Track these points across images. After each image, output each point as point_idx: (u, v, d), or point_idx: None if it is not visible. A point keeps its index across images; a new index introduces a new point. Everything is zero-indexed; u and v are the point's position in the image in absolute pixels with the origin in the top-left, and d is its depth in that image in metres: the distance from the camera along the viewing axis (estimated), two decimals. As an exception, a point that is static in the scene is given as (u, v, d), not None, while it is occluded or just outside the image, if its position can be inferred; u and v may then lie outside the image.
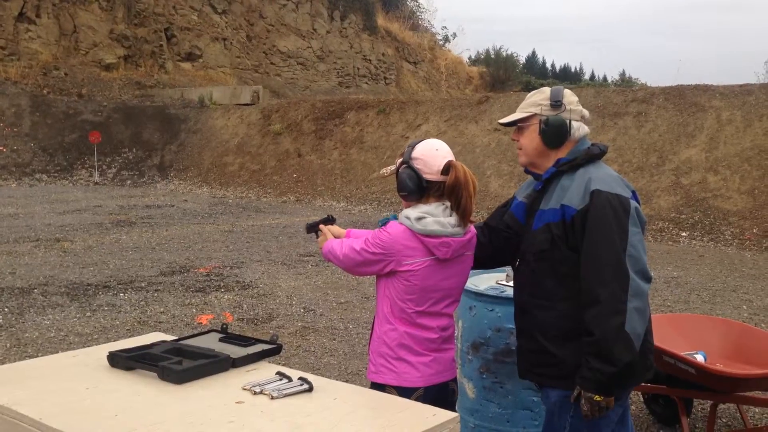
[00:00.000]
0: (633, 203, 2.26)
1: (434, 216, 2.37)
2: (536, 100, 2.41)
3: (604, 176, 2.29)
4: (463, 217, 2.39)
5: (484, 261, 2.63)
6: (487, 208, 13.73)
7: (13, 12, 23.09)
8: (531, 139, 2.41)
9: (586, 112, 2.43)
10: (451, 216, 2.39)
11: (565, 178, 2.34)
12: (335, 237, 2.67)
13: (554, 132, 2.36)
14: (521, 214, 2.52)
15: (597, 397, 2.18)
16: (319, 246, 2.69)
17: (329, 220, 2.78)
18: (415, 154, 2.44)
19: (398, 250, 2.37)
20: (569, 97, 2.40)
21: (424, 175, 2.40)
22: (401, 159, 2.48)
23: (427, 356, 2.44)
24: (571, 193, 2.28)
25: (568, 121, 2.37)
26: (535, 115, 2.40)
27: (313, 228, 2.77)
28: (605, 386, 2.17)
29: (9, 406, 1.92)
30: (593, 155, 2.36)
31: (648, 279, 2.21)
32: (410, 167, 2.42)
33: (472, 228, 2.49)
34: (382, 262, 2.40)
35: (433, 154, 2.42)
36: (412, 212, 2.39)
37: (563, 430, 2.33)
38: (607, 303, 2.14)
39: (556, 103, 2.36)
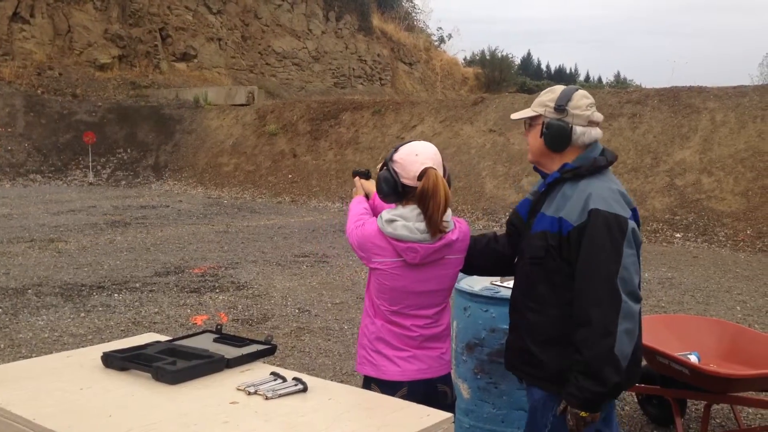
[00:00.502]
0: (631, 224, 2.23)
1: (405, 220, 2.36)
2: (544, 100, 2.38)
3: (605, 193, 2.25)
4: (430, 226, 2.36)
5: (496, 266, 2.67)
6: (482, 209, 13.74)
7: (7, 12, 23.03)
8: (535, 139, 2.40)
9: (597, 116, 2.37)
10: (423, 222, 2.37)
11: (567, 187, 2.32)
12: (366, 193, 2.76)
13: (554, 136, 2.34)
14: (525, 211, 2.51)
15: (583, 414, 2.20)
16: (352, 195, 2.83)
17: (364, 175, 2.85)
18: (395, 156, 2.43)
19: (368, 248, 2.41)
20: (578, 100, 2.34)
21: (402, 179, 2.38)
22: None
23: (406, 351, 2.45)
24: (570, 206, 2.26)
25: (569, 126, 2.32)
26: (540, 115, 2.38)
27: (353, 175, 2.91)
28: (592, 404, 2.20)
29: (3, 407, 1.92)
30: (599, 166, 2.32)
31: (638, 300, 2.20)
32: (388, 170, 2.42)
33: (451, 234, 2.44)
34: (358, 254, 2.48)
35: (411, 159, 2.39)
36: (386, 214, 2.41)
37: (545, 428, 2.37)
38: (598, 325, 2.14)
39: (559, 107, 2.33)
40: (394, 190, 2.40)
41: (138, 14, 26.32)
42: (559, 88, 2.40)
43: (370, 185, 2.78)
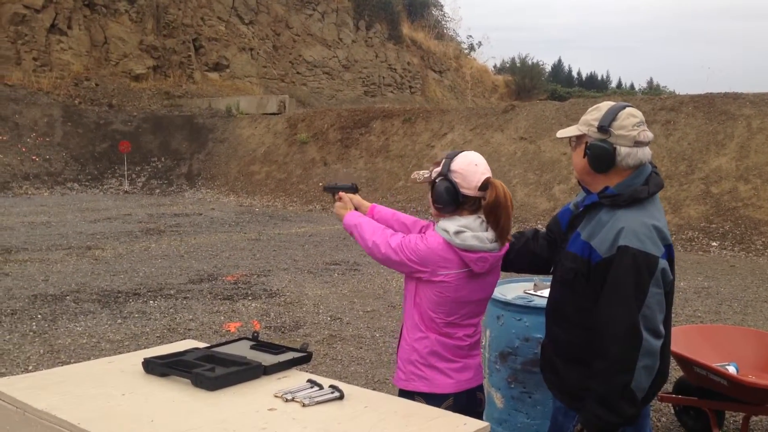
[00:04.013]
0: (661, 263, 2.15)
1: (472, 230, 2.37)
2: (588, 119, 2.31)
3: (638, 228, 2.17)
4: (501, 236, 2.39)
5: (531, 266, 2.67)
6: (513, 217, 13.67)
7: (45, 24, 23.58)
8: (579, 158, 2.34)
9: (645, 136, 2.26)
10: (487, 231, 2.39)
11: (604, 213, 2.26)
12: (356, 208, 2.69)
13: (596, 158, 2.27)
14: (565, 221, 2.49)
15: None
16: (336, 213, 2.70)
17: (352, 189, 2.75)
18: (453, 167, 2.41)
19: (434, 261, 2.36)
20: (623, 120, 2.24)
21: (461, 189, 2.38)
22: (438, 169, 2.45)
23: (457, 362, 2.46)
24: (603, 236, 2.22)
25: (612, 148, 2.24)
26: (584, 135, 2.31)
27: (332, 190, 2.76)
28: (606, 431, 2.19)
29: (49, 411, 1.97)
30: (638, 198, 2.23)
31: (660, 336, 2.16)
32: (448, 180, 2.40)
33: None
34: (415, 269, 2.40)
35: (472, 170, 2.40)
36: (451, 225, 2.38)
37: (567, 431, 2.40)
38: (616, 361, 2.13)
39: (602, 128, 2.25)
40: (454, 200, 2.40)
41: (172, 25, 26.77)
42: (605, 106, 2.31)
43: (360, 200, 2.74)
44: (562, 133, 2.42)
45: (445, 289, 2.39)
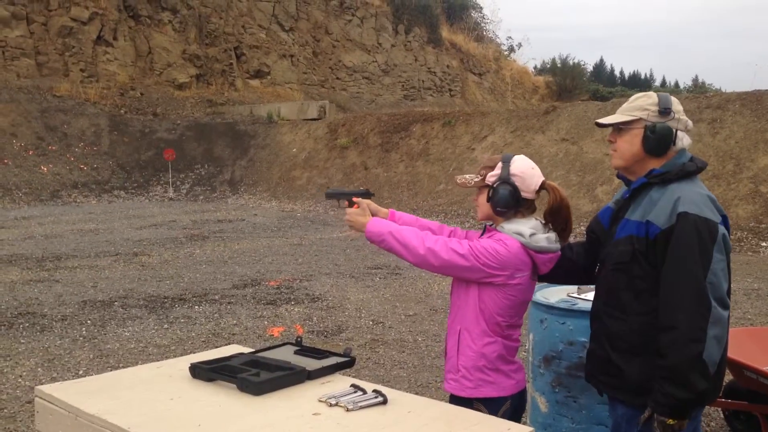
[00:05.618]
0: (721, 229, 2.15)
1: (540, 232, 2.41)
2: (642, 104, 2.30)
3: (694, 197, 2.18)
4: (566, 236, 2.47)
5: (568, 275, 2.63)
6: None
7: (92, 35, 24.20)
8: (631, 144, 2.32)
9: (690, 123, 2.34)
10: (549, 232, 2.43)
11: (654, 191, 2.26)
12: (373, 215, 2.57)
13: (659, 140, 2.27)
14: (606, 219, 2.47)
15: (670, 421, 2.14)
16: (352, 221, 2.54)
17: (365, 195, 2.65)
18: (513, 171, 2.42)
19: (513, 264, 2.37)
20: (677, 105, 2.30)
21: (522, 193, 2.42)
22: (495, 172, 2.45)
23: (515, 363, 2.50)
24: (658, 210, 2.20)
25: (674, 131, 2.28)
26: (640, 119, 2.30)
27: (339, 197, 2.62)
28: (679, 411, 2.13)
29: (100, 416, 2.02)
30: (688, 172, 2.26)
31: (726, 306, 2.12)
32: (510, 184, 2.41)
33: None
34: (490, 274, 2.37)
35: (531, 173, 2.43)
36: (523, 228, 2.39)
37: None
38: (686, 329, 2.08)
39: (665, 110, 2.27)
40: (515, 204, 2.42)
41: (214, 34, 27.22)
42: (653, 94, 2.33)
43: (377, 207, 2.68)
44: (609, 119, 2.38)
45: (518, 292, 2.41)
